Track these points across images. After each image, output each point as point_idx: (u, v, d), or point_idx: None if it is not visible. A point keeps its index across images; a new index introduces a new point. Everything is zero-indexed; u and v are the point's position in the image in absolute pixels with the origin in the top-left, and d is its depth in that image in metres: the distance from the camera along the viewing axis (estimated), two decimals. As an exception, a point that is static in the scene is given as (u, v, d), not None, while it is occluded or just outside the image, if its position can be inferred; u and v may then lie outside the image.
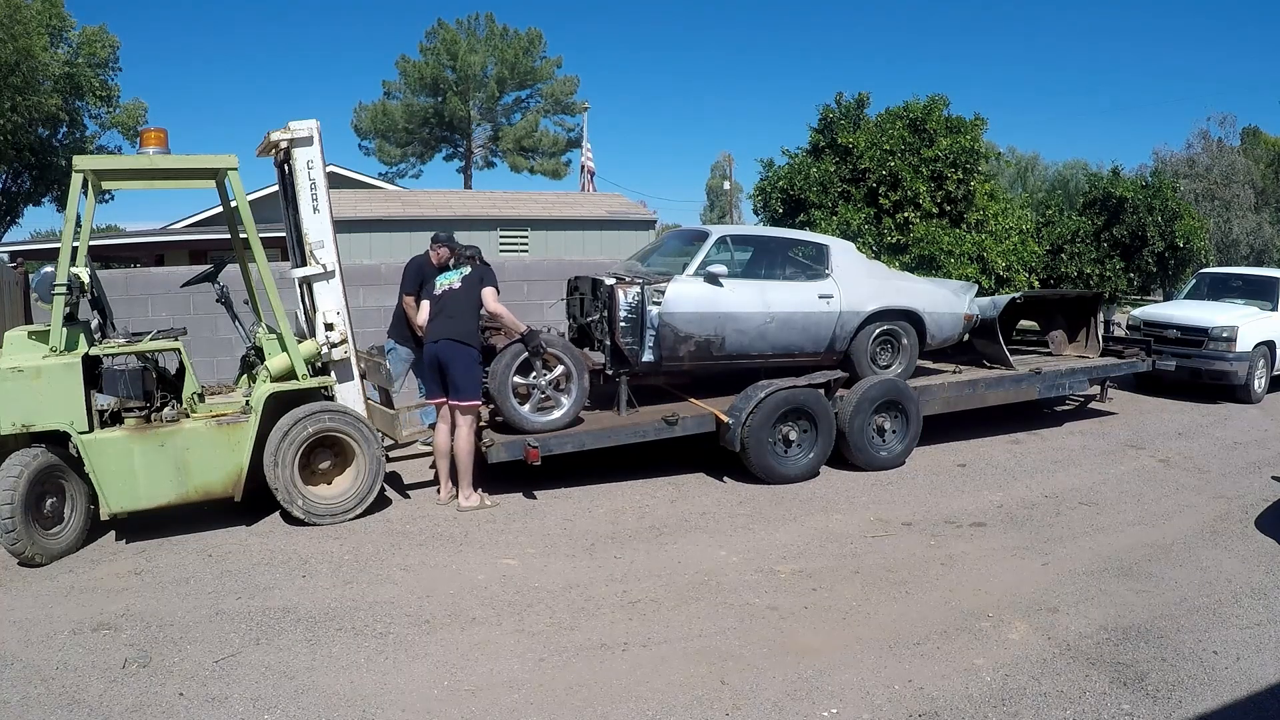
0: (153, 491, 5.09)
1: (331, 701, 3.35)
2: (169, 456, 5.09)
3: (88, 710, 3.28)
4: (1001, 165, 31.85)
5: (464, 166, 36.04)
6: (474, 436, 5.76)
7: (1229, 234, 29.89)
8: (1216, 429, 8.58)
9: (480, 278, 5.74)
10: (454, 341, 5.58)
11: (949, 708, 3.30)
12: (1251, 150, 35.58)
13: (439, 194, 17.97)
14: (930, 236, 11.54)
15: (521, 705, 3.33)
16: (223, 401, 5.57)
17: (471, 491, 5.81)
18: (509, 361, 5.81)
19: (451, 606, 4.25)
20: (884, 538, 5.29)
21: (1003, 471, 6.90)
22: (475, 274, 5.76)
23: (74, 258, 5.11)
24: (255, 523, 5.55)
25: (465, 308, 5.67)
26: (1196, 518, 5.69)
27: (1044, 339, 9.74)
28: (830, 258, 7.11)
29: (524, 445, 5.77)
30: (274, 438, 5.26)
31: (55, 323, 4.94)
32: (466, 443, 5.69)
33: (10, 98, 18.99)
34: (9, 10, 18.57)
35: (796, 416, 6.52)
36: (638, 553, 5.02)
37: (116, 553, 5.01)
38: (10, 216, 24.14)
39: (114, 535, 5.30)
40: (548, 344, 5.91)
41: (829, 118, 13.26)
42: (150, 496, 5.09)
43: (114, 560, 4.89)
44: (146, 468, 5.04)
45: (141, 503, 5.09)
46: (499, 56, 33.56)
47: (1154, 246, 13.82)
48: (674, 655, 3.74)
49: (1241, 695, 3.40)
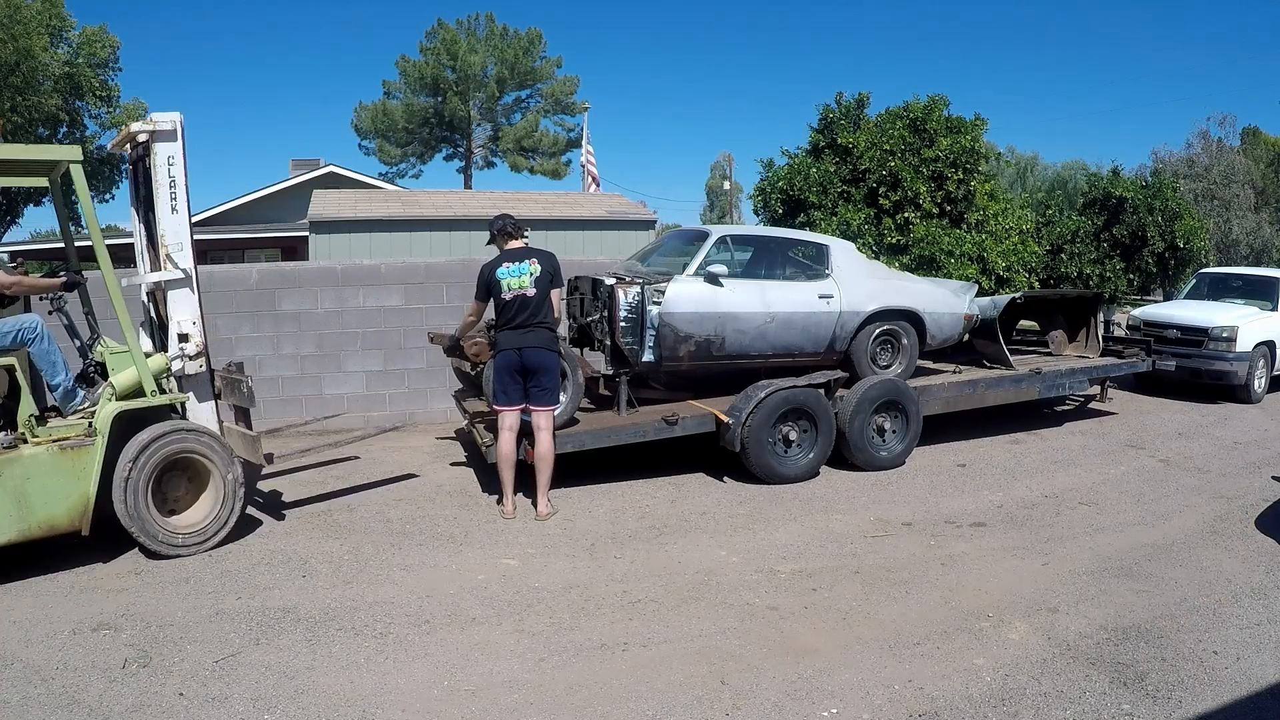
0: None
1: (331, 701, 3.35)
2: (7, 489, 4.41)
3: (88, 710, 3.28)
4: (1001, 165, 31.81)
5: (464, 166, 36.06)
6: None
7: (1229, 234, 29.88)
8: (1216, 429, 8.58)
9: (551, 277, 5.45)
10: (544, 350, 5.42)
11: (949, 708, 3.30)
12: (1251, 150, 35.56)
13: (439, 194, 17.97)
14: (930, 237, 11.54)
15: (521, 705, 3.33)
16: (62, 424, 4.86)
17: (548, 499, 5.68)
18: None
19: (451, 606, 4.25)
20: (884, 538, 5.29)
21: (1003, 471, 6.90)
22: (545, 273, 5.44)
23: None
24: (254, 522, 5.56)
25: (546, 310, 5.44)
26: (1196, 518, 5.69)
27: (1044, 339, 9.74)
28: (830, 258, 7.11)
29: (523, 445, 5.77)
30: (123, 462, 4.69)
31: None
32: (550, 448, 5.57)
33: (10, 98, 19.00)
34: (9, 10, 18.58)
35: (796, 416, 6.52)
36: (638, 553, 5.02)
37: (116, 553, 5.01)
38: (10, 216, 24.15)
39: (113, 535, 5.29)
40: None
41: (829, 118, 13.26)
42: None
43: (114, 560, 4.89)
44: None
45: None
46: (499, 56, 33.57)
47: (1154, 246, 13.81)
48: (674, 655, 3.74)
49: (1241, 695, 3.40)
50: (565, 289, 5.47)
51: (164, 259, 5.12)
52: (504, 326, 5.48)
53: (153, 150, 5.04)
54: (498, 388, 5.51)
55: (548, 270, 5.45)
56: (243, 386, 5.49)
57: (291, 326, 8.44)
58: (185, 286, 5.18)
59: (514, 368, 5.42)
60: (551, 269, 5.47)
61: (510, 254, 5.52)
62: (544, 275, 5.43)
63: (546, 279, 5.43)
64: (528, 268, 5.43)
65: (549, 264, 5.48)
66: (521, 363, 5.41)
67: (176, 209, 5.10)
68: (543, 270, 5.43)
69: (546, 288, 5.43)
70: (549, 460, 5.58)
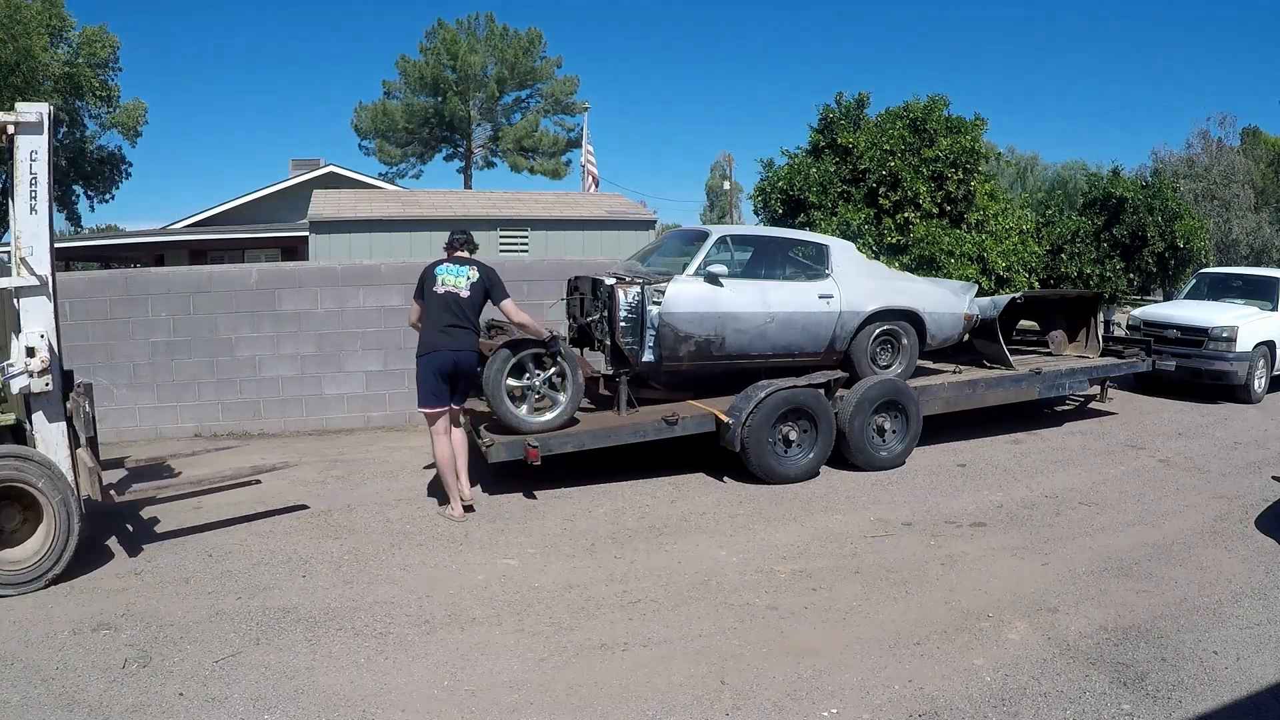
0: None
1: (331, 701, 3.35)
2: None
3: (88, 710, 3.28)
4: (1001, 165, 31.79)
5: (464, 166, 36.04)
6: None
7: (1229, 234, 29.87)
8: (1216, 429, 8.58)
9: (488, 288, 5.58)
10: (473, 352, 5.59)
11: (949, 708, 3.30)
12: (1251, 150, 35.54)
13: (439, 194, 17.96)
14: (930, 237, 11.54)
15: (521, 705, 3.33)
16: None
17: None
18: (500, 366, 5.78)
19: (451, 606, 4.25)
20: (884, 538, 5.29)
21: (1003, 471, 6.90)
22: (483, 283, 5.57)
23: None
24: (254, 522, 5.56)
25: (476, 316, 5.61)
26: (1196, 518, 5.69)
27: (1044, 339, 9.75)
28: (830, 258, 7.11)
29: (524, 445, 5.77)
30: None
31: None
32: (465, 441, 5.80)
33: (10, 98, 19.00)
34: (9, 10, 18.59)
35: (796, 416, 6.52)
36: (638, 553, 5.02)
37: (116, 553, 5.01)
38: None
39: (113, 536, 5.29)
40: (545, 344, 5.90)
41: (829, 118, 13.26)
42: None
43: (114, 560, 4.89)
44: None
45: None
46: (499, 56, 33.57)
47: (1154, 246, 13.82)
48: (674, 655, 3.74)
49: (1241, 695, 3.40)
50: (509, 296, 5.67)
51: (17, 263, 4.65)
52: (432, 327, 5.53)
53: (16, 144, 4.62)
54: (429, 389, 5.53)
55: (485, 279, 5.59)
56: (80, 411, 4.88)
57: (291, 326, 8.44)
58: (40, 294, 4.68)
59: (446, 371, 5.49)
60: (490, 280, 5.61)
61: (455, 259, 5.76)
62: (480, 282, 5.57)
63: (482, 287, 5.58)
64: (467, 271, 5.61)
65: (489, 276, 5.62)
66: (455, 367, 5.50)
67: (36, 209, 4.65)
68: (480, 278, 5.58)
69: (481, 295, 5.58)
70: (464, 454, 5.80)
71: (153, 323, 8.13)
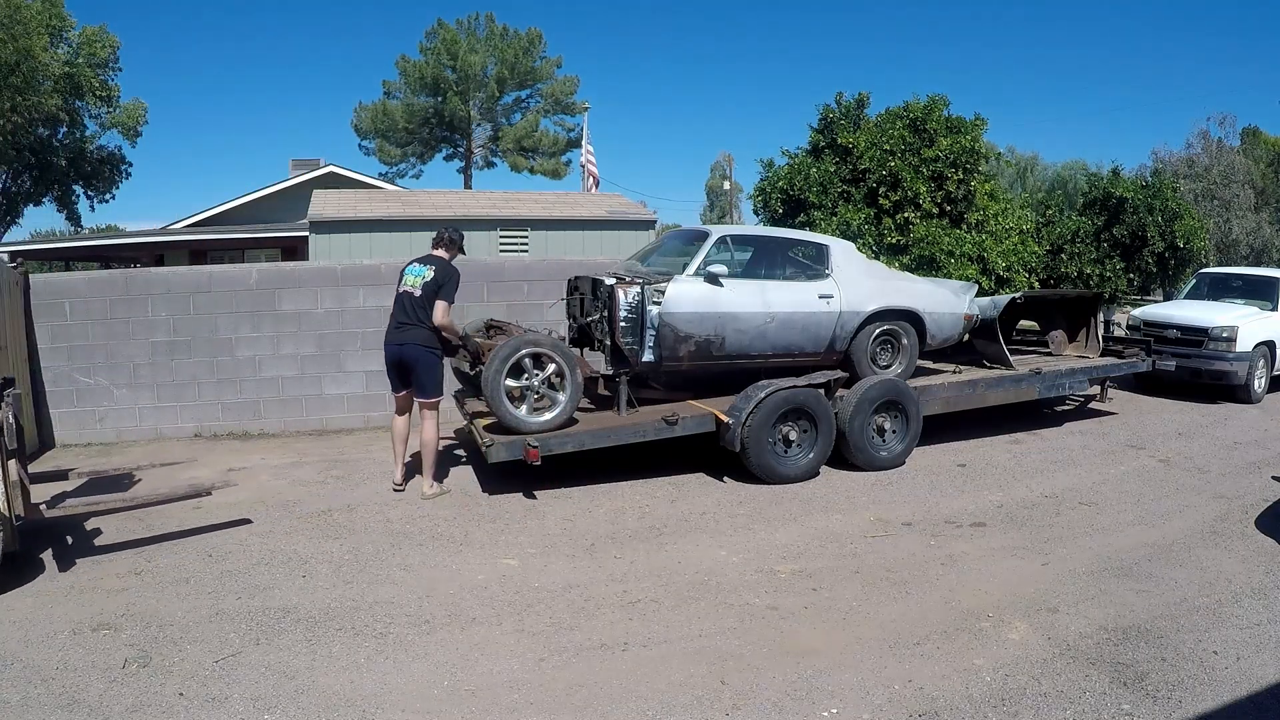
0: None
1: (331, 701, 3.35)
2: None
3: (88, 710, 3.28)
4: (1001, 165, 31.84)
5: (464, 166, 36.05)
6: (438, 430, 6.08)
7: (1229, 234, 29.89)
8: (1216, 429, 8.58)
9: (439, 287, 5.77)
10: (418, 346, 5.82)
11: (949, 708, 3.30)
12: (1251, 150, 35.58)
13: (439, 194, 17.96)
14: (930, 237, 11.54)
15: (521, 705, 3.33)
16: None
17: (435, 482, 6.16)
18: (499, 366, 5.78)
19: (451, 606, 4.25)
20: (884, 538, 5.29)
21: (1003, 471, 6.90)
22: (434, 282, 5.79)
23: None
24: (255, 522, 5.56)
25: (426, 314, 5.80)
26: (1196, 518, 5.69)
27: (1044, 339, 9.75)
28: (830, 258, 7.11)
29: (524, 445, 5.77)
30: None
31: None
32: (433, 435, 6.03)
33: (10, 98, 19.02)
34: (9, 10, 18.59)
35: (796, 416, 6.52)
36: (638, 553, 5.02)
37: (116, 553, 5.01)
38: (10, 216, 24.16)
39: (114, 536, 5.29)
40: (536, 343, 5.92)
41: (829, 118, 13.26)
42: None
43: (114, 560, 4.89)
44: None
45: None
46: (499, 56, 33.57)
47: (1154, 246, 13.82)
48: (674, 655, 3.74)
49: (1241, 695, 3.40)
50: (451, 302, 5.84)
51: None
52: (390, 322, 5.98)
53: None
54: (389, 376, 6.11)
55: (438, 279, 5.80)
56: (4, 427, 4.56)
57: (291, 326, 8.44)
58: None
59: (393, 360, 5.95)
60: (442, 279, 5.81)
61: (424, 257, 6.06)
62: (432, 283, 5.79)
63: (434, 286, 5.78)
64: (424, 271, 5.87)
65: (442, 274, 5.83)
66: (400, 357, 5.88)
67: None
68: (434, 278, 5.81)
69: (432, 295, 5.78)
70: (432, 447, 6.06)
71: (153, 323, 8.13)
